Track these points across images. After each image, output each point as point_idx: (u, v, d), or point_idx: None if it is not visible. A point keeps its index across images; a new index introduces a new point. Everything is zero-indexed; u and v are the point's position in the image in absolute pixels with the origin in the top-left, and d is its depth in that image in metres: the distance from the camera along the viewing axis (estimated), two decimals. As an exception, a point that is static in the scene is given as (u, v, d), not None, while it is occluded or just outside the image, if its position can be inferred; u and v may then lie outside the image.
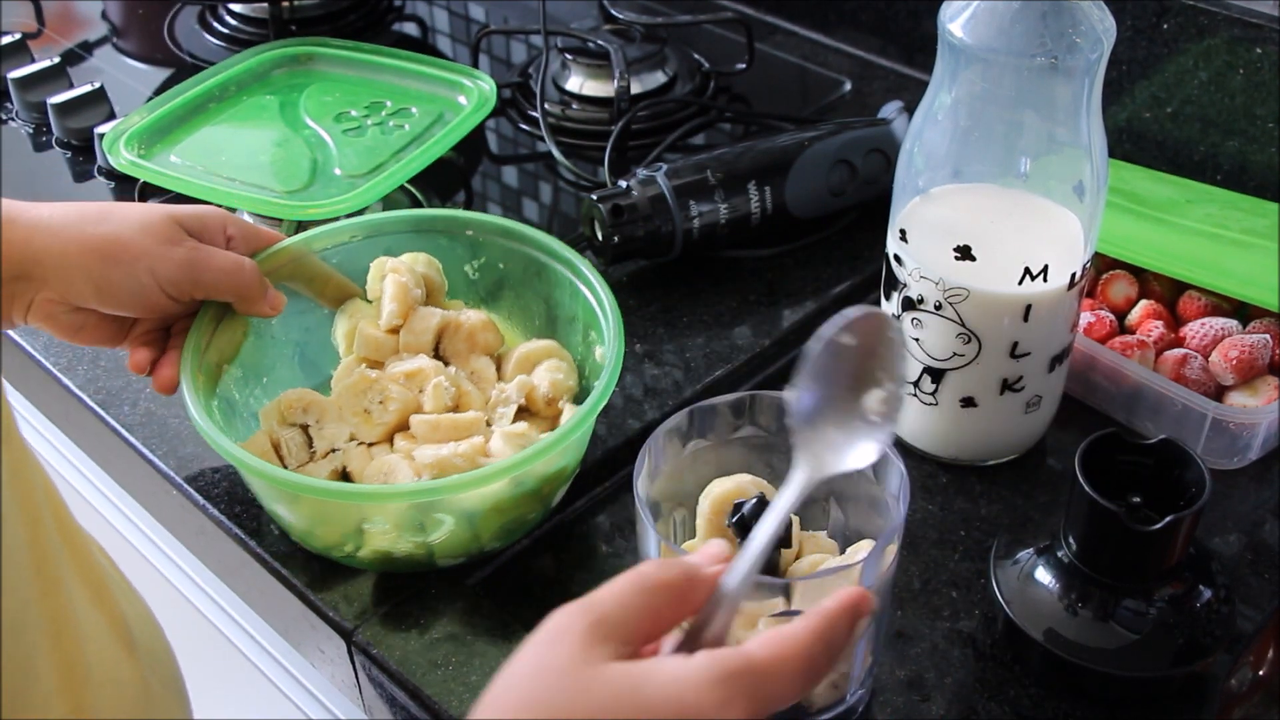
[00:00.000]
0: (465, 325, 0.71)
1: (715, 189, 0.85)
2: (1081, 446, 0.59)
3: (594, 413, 0.62)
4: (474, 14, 1.25)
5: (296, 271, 0.72)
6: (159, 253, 0.62)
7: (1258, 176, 0.89)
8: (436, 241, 0.75)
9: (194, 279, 0.64)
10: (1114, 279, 0.80)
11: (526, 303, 0.75)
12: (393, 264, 0.72)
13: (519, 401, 0.68)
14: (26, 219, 0.61)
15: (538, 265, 0.73)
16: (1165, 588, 0.59)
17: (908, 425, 0.74)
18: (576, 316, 0.72)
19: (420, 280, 0.72)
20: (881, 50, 1.12)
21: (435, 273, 0.73)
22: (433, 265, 0.73)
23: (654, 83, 1.05)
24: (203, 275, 0.64)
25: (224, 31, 1.18)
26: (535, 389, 0.69)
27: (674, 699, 0.39)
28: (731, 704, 0.40)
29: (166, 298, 0.64)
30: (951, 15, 0.62)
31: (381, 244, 0.74)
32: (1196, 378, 0.73)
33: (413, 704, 0.62)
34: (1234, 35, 0.87)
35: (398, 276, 0.70)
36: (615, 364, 0.64)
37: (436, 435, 0.66)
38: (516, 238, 0.74)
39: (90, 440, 0.82)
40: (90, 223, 0.62)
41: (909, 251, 0.68)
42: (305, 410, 0.67)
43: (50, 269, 0.61)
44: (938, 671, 0.62)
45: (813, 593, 0.53)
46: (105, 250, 0.61)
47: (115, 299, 0.63)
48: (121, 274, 0.62)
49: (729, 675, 0.40)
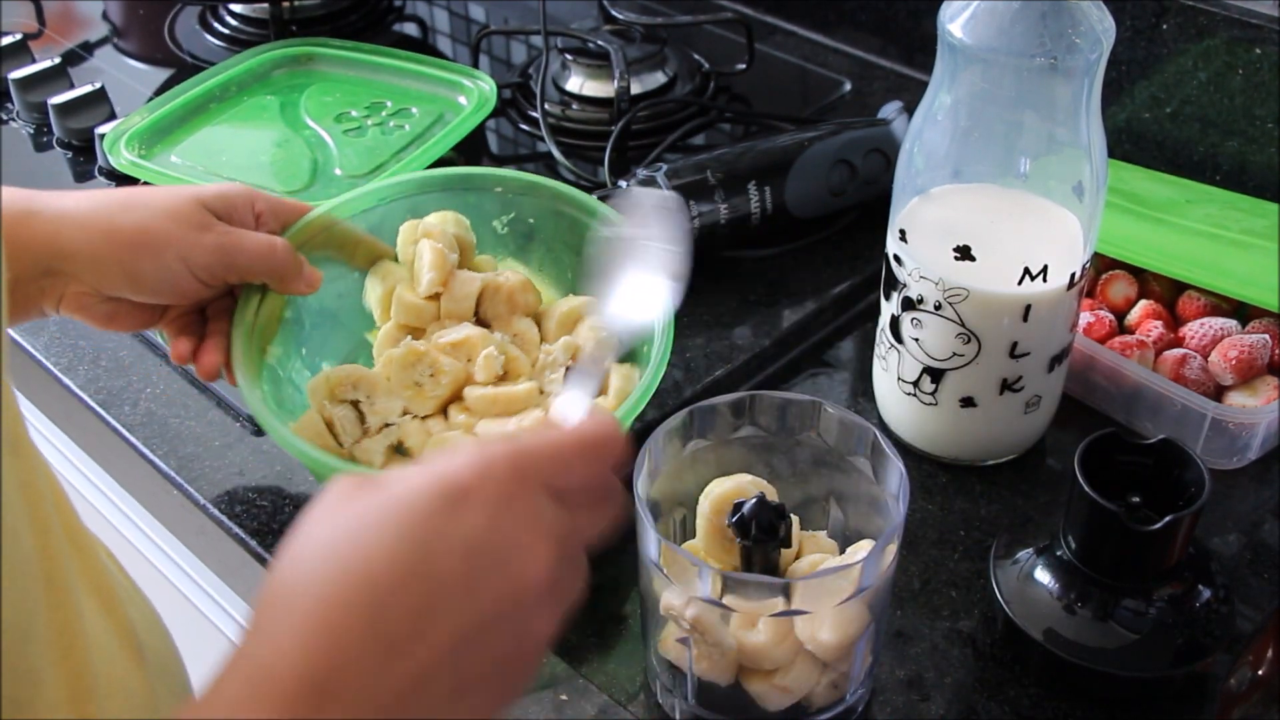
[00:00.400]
0: (505, 287, 0.70)
1: (715, 189, 0.85)
2: (1081, 446, 0.59)
3: (663, 365, 0.62)
4: (474, 14, 1.25)
5: (328, 240, 0.71)
6: (190, 239, 0.61)
7: (1257, 177, 0.89)
8: (465, 199, 0.74)
9: (228, 264, 0.63)
10: (1113, 279, 0.81)
11: (558, 255, 0.74)
12: (424, 228, 0.71)
13: (566, 363, 0.68)
14: (50, 212, 0.60)
15: (569, 220, 0.73)
16: (1165, 588, 0.59)
17: (908, 425, 0.74)
18: None
19: (454, 243, 0.71)
20: (881, 50, 1.12)
21: (465, 231, 0.72)
22: (461, 224, 0.72)
23: (654, 83, 1.05)
24: (237, 259, 0.63)
25: (224, 32, 1.18)
26: (581, 349, 0.68)
27: (434, 474, 0.40)
28: (496, 464, 0.40)
29: (200, 284, 0.63)
30: (951, 15, 0.63)
31: (410, 205, 0.73)
32: (1196, 378, 0.73)
33: (413, 704, 0.62)
34: (1233, 35, 0.87)
35: (433, 243, 0.70)
36: (669, 320, 0.63)
37: (495, 409, 0.65)
38: (547, 193, 0.73)
39: (91, 440, 0.83)
40: (117, 212, 0.61)
41: (909, 251, 0.68)
42: (355, 386, 0.66)
43: (81, 263, 0.60)
44: (937, 671, 0.62)
45: (813, 593, 0.53)
46: (135, 240, 0.61)
47: (148, 288, 0.62)
48: (153, 264, 0.61)
49: (484, 444, 0.41)
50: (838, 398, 0.79)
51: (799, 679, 0.56)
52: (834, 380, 0.81)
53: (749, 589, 0.54)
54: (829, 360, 0.83)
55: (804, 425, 0.61)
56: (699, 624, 0.54)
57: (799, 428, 0.61)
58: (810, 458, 0.62)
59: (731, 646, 0.55)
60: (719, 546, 0.58)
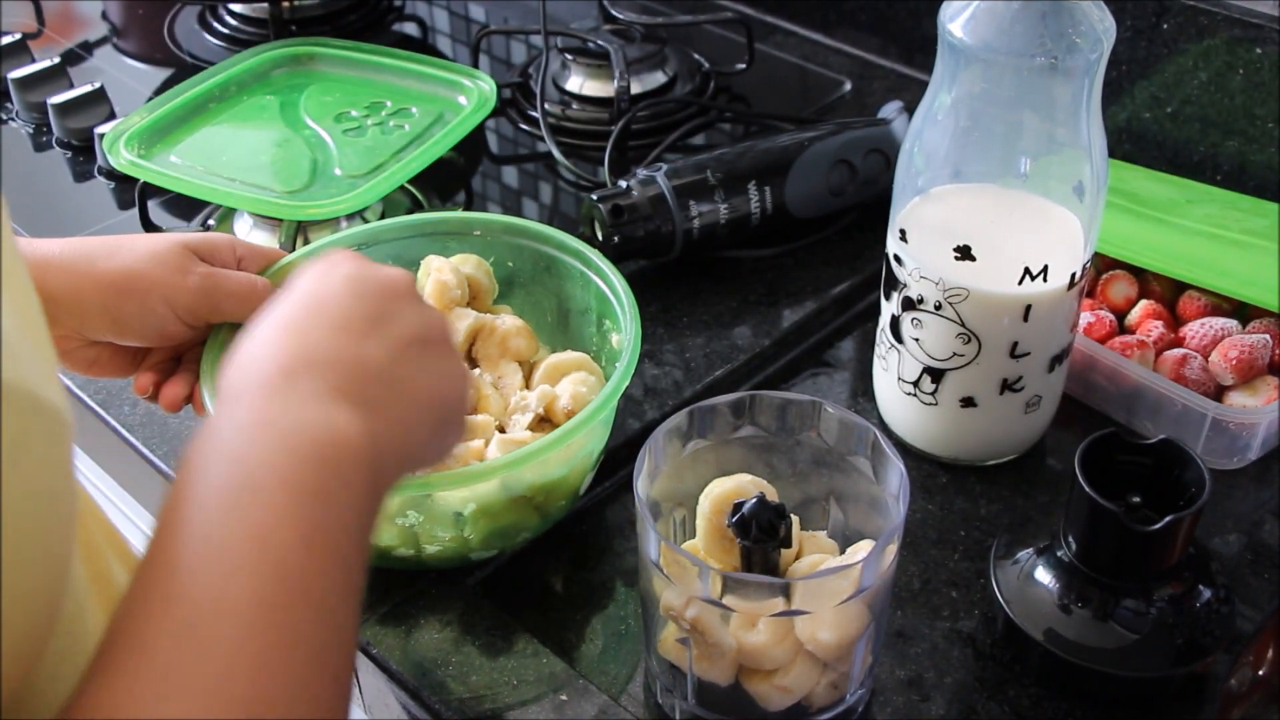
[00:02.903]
0: (499, 330, 0.71)
1: (715, 189, 0.85)
2: (1081, 446, 0.59)
3: (593, 419, 0.61)
4: (474, 14, 1.25)
5: None
6: (173, 282, 0.62)
7: (1257, 177, 0.89)
8: (445, 244, 0.74)
9: (211, 305, 0.64)
10: (1114, 279, 0.80)
11: (537, 299, 0.75)
12: (438, 263, 0.71)
13: (538, 410, 0.67)
14: (35, 257, 0.61)
15: (547, 260, 0.73)
16: (1165, 588, 0.59)
17: (908, 425, 0.74)
18: (590, 308, 0.72)
19: (463, 281, 0.71)
20: (881, 50, 1.12)
21: (484, 275, 0.73)
22: (482, 267, 0.73)
23: (654, 83, 1.05)
24: (219, 299, 0.64)
25: (224, 32, 1.18)
26: (556, 399, 0.68)
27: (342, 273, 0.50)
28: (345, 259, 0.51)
29: (183, 325, 0.63)
30: (951, 15, 0.63)
31: (388, 250, 0.73)
32: (1196, 378, 0.73)
33: (413, 704, 0.62)
34: (1234, 35, 0.87)
35: (439, 275, 0.70)
36: (631, 358, 0.64)
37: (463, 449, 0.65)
38: (524, 234, 0.74)
39: (91, 440, 0.82)
40: (102, 258, 0.62)
41: (909, 251, 0.68)
42: None
43: (64, 307, 0.61)
44: (937, 671, 0.62)
45: (813, 593, 0.53)
46: (119, 284, 0.61)
47: (131, 331, 0.62)
48: (136, 306, 0.61)
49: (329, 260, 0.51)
50: (838, 398, 0.79)
51: (799, 679, 0.56)
52: (834, 380, 0.81)
53: (749, 589, 0.54)
54: (829, 360, 0.83)
55: (804, 425, 0.61)
56: (699, 624, 0.54)
57: (799, 428, 0.61)
58: (810, 458, 0.62)
59: (731, 646, 0.55)
60: (719, 546, 0.58)
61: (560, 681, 0.61)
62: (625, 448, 0.74)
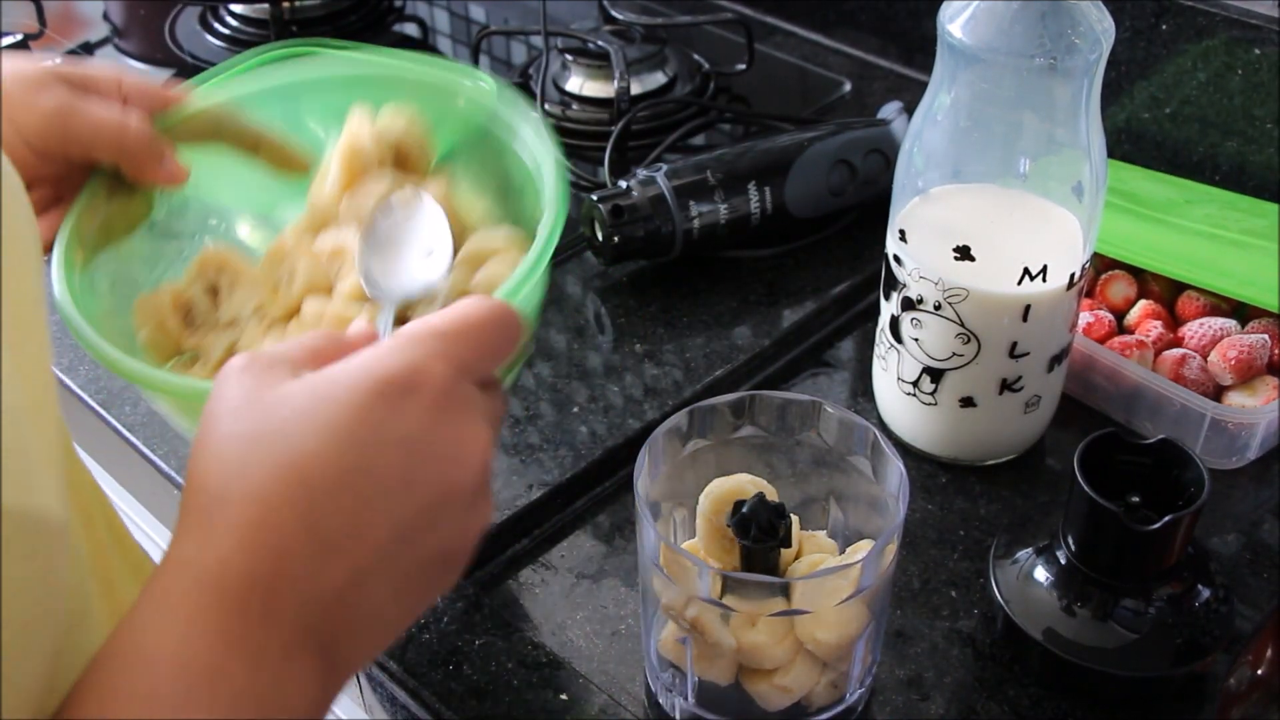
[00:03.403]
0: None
1: (715, 189, 0.85)
2: (1080, 446, 0.59)
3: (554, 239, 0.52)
4: (474, 14, 1.25)
5: (217, 134, 0.62)
6: (25, 100, 0.53)
7: (1256, 177, 0.89)
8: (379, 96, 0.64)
9: (64, 131, 0.54)
10: (1113, 279, 0.81)
11: (476, 170, 0.65)
12: (359, 121, 0.62)
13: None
14: None
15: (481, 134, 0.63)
16: (1164, 587, 0.59)
17: (907, 425, 0.74)
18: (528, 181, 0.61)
19: (387, 144, 0.62)
20: (881, 50, 1.12)
21: (415, 136, 0.63)
22: (414, 127, 0.63)
23: (654, 83, 1.05)
24: (76, 128, 0.54)
25: (225, 32, 1.18)
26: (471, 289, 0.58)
27: (369, 372, 0.38)
28: (431, 360, 0.39)
29: (33, 154, 0.54)
30: (951, 16, 0.63)
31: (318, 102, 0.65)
32: (1195, 378, 0.74)
33: (413, 703, 0.62)
34: (1232, 36, 0.87)
35: (355, 140, 0.62)
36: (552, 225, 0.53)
37: (319, 325, 0.57)
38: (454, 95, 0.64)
39: (91, 440, 0.83)
40: None
41: (908, 252, 0.68)
42: (220, 269, 0.59)
43: None
44: (937, 671, 0.62)
45: (812, 592, 0.54)
46: None
47: None
48: None
49: (414, 339, 0.39)
50: (838, 398, 0.80)
51: (799, 679, 0.56)
52: (834, 380, 0.81)
53: (749, 589, 0.54)
54: (829, 360, 0.83)
55: (804, 425, 0.61)
56: (699, 623, 0.55)
57: (799, 428, 0.61)
58: (810, 458, 0.62)
59: (731, 646, 0.55)
60: (719, 546, 0.58)
61: (560, 681, 0.61)
62: (625, 448, 0.74)
